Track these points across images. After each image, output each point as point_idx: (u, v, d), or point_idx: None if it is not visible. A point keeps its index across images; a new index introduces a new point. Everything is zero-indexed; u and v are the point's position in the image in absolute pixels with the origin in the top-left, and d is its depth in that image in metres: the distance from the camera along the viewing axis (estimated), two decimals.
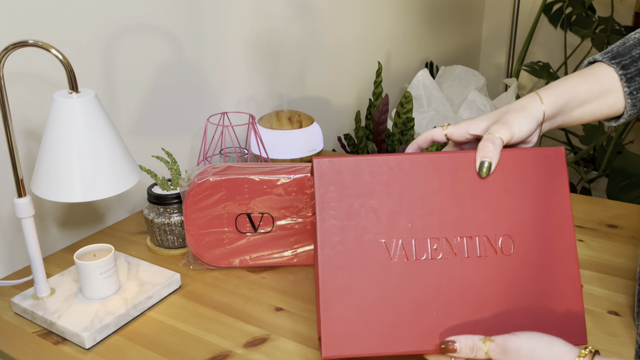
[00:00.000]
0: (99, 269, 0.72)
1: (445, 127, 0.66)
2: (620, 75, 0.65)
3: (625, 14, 2.34)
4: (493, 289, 0.60)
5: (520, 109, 0.63)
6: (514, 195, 0.61)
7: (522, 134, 0.63)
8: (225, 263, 0.82)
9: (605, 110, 0.66)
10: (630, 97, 0.65)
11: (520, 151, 0.62)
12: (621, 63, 0.65)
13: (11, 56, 0.79)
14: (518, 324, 0.59)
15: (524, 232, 0.61)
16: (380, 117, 1.34)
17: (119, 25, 0.94)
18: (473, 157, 0.62)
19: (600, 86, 0.65)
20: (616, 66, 0.65)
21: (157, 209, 0.86)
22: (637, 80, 0.65)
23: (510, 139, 0.62)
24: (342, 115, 1.65)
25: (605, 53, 0.67)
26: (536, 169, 0.62)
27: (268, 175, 0.79)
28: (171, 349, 0.67)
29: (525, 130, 0.63)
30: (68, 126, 0.64)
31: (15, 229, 0.85)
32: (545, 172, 0.62)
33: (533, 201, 0.61)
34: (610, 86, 0.65)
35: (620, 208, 0.98)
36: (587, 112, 0.66)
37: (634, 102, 0.66)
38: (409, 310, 0.60)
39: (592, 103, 0.66)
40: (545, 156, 0.62)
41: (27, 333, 0.71)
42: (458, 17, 2.34)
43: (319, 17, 1.45)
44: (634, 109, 0.66)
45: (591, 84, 0.65)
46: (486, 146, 0.61)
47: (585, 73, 0.66)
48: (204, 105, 1.14)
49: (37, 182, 0.66)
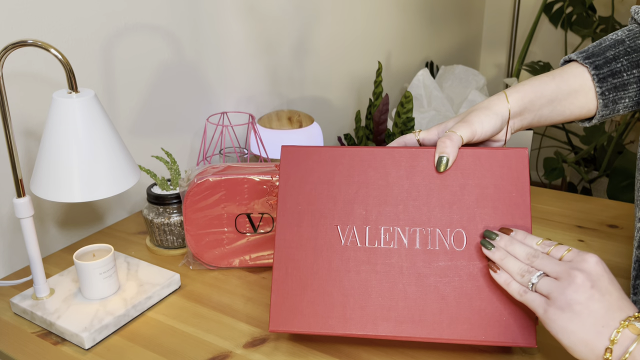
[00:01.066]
0: (98, 269, 0.72)
1: (417, 133, 0.67)
2: (593, 75, 0.65)
3: (625, 13, 2.33)
4: (442, 281, 0.62)
5: (484, 108, 0.65)
6: (471, 193, 0.63)
7: (484, 131, 0.64)
8: (225, 263, 0.82)
9: (575, 111, 0.67)
10: (602, 98, 0.65)
11: (481, 150, 0.64)
12: (594, 63, 0.65)
13: (10, 56, 0.79)
14: (465, 317, 0.60)
15: (477, 229, 0.62)
16: (380, 117, 1.34)
17: (119, 25, 0.94)
18: (432, 153, 0.64)
19: (568, 86, 0.66)
20: (589, 66, 0.65)
21: (157, 209, 0.86)
22: (609, 81, 0.65)
23: (472, 137, 0.63)
24: (342, 115, 1.65)
25: (580, 52, 0.67)
26: (497, 168, 0.63)
27: (268, 176, 0.79)
28: (171, 349, 0.67)
29: (487, 127, 0.64)
30: (67, 126, 0.64)
31: (15, 229, 0.85)
32: (506, 173, 0.63)
33: (490, 200, 0.62)
34: (580, 86, 0.66)
35: (621, 208, 0.98)
36: (557, 111, 0.67)
37: (606, 103, 0.66)
38: (355, 294, 0.62)
39: (561, 102, 0.66)
40: (507, 157, 0.63)
41: (26, 333, 0.71)
42: (458, 17, 2.34)
43: (320, 17, 1.44)
44: (605, 110, 0.66)
45: (559, 83, 0.66)
46: (444, 142, 0.63)
47: (555, 73, 0.67)
48: (203, 105, 1.14)
49: (37, 182, 0.66)
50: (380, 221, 0.64)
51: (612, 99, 0.66)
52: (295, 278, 0.64)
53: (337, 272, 0.63)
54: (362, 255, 0.63)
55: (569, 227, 0.92)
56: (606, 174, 2.09)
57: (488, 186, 0.63)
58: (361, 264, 0.63)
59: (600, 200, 1.01)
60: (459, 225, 0.62)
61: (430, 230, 0.63)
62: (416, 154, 0.64)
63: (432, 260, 0.62)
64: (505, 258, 0.59)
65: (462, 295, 0.61)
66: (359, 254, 0.63)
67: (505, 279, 0.58)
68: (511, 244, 0.59)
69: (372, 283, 0.62)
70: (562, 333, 0.53)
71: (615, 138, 2.03)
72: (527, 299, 0.56)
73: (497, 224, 0.62)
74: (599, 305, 0.51)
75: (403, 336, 0.61)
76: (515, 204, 0.62)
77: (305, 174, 0.66)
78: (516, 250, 0.58)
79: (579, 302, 0.52)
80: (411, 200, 0.64)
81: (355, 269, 0.63)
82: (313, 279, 0.63)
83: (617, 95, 0.65)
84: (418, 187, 0.64)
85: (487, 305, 0.60)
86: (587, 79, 0.66)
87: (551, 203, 1.00)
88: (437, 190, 0.63)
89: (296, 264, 0.64)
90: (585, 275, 0.52)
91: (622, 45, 0.66)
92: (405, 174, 0.64)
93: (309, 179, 0.66)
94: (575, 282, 0.52)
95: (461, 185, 0.63)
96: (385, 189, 0.64)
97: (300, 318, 0.63)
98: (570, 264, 0.54)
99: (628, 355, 0.49)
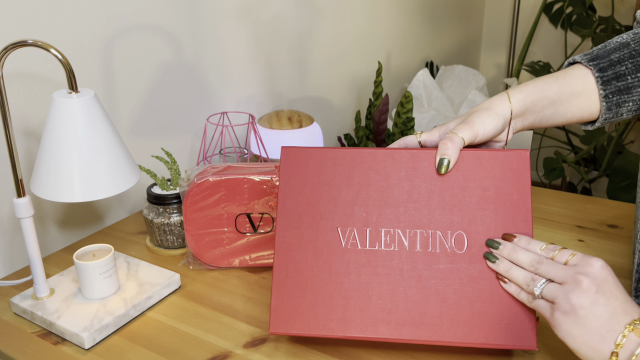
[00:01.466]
0: (98, 269, 0.72)
1: (419, 135, 0.67)
2: (597, 77, 0.65)
3: (625, 13, 2.33)
4: (442, 284, 0.61)
5: (485, 109, 0.64)
6: (472, 195, 0.63)
7: (486, 132, 0.64)
8: (225, 263, 0.82)
9: (577, 113, 0.66)
10: (606, 101, 0.65)
11: (482, 152, 0.63)
12: (599, 65, 0.65)
13: (11, 56, 0.79)
14: (466, 320, 0.60)
15: (478, 232, 0.62)
16: (380, 117, 1.34)
17: (119, 25, 0.94)
18: (433, 155, 0.63)
19: (571, 87, 0.65)
20: (593, 68, 0.65)
21: (157, 209, 0.86)
22: (613, 83, 0.64)
23: (474, 138, 0.63)
24: (342, 115, 1.65)
25: (585, 54, 0.67)
26: (498, 170, 0.63)
27: (268, 176, 0.79)
28: (171, 349, 0.67)
29: (490, 128, 0.63)
30: (67, 126, 0.64)
31: (15, 229, 0.85)
32: (507, 174, 0.62)
33: (491, 202, 0.62)
34: (584, 88, 0.65)
35: (621, 208, 0.98)
36: (559, 113, 0.66)
37: (609, 106, 0.65)
38: (355, 296, 0.62)
39: (563, 104, 0.66)
40: (508, 158, 0.63)
41: (26, 333, 0.71)
42: (458, 17, 2.34)
43: (320, 17, 1.44)
44: (609, 113, 0.66)
45: (562, 85, 0.65)
46: (445, 144, 0.62)
47: (558, 74, 0.66)
48: (203, 105, 1.14)
49: (37, 182, 0.66)
50: (381, 223, 0.63)
51: (615, 102, 0.65)
52: (296, 280, 0.63)
53: (338, 275, 0.63)
54: (362, 258, 0.63)
55: (569, 227, 0.92)
56: (606, 174, 2.09)
57: (489, 188, 0.62)
58: (361, 267, 0.63)
59: (600, 200, 1.01)
60: (460, 227, 0.62)
61: (431, 233, 0.62)
62: (417, 156, 0.64)
63: (433, 262, 0.62)
64: (510, 269, 0.59)
65: (463, 298, 0.61)
66: (360, 256, 0.63)
67: (515, 290, 0.59)
68: (515, 252, 0.59)
69: (373, 285, 0.62)
70: (567, 337, 0.53)
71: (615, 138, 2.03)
72: (535, 306, 0.57)
73: (498, 226, 0.62)
74: (604, 309, 0.51)
75: (403, 339, 0.61)
76: (516, 206, 0.62)
77: (305, 175, 0.65)
78: (520, 258, 0.58)
79: (583, 307, 0.52)
80: (412, 202, 0.63)
81: (356, 271, 0.63)
82: (313, 281, 0.63)
83: (621, 98, 0.65)
84: (419, 188, 0.63)
85: (488, 307, 0.60)
86: (590, 81, 0.65)
87: (551, 203, 1.00)
88: (438, 192, 0.63)
89: (296, 266, 0.64)
90: (591, 280, 0.53)
91: (627, 48, 0.65)
92: (406, 175, 0.64)
93: (309, 180, 0.65)
94: (581, 286, 0.52)
95: (462, 187, 0.63)
96: (386, 190, 0.64)
97: (301, 320, 0.62)
98: (575, 268, 0.54)
99: (634, 358, 0.49)
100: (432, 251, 0.62)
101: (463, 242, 0.62)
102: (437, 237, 0.62)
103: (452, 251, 0.62)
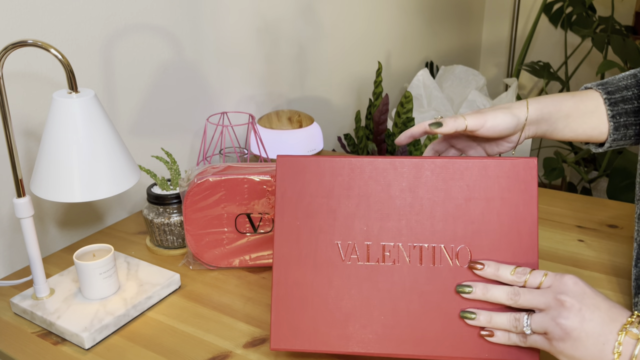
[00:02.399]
0: (98, 269, 0.72)
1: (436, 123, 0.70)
2: (605, 99, 0.70)
3: (625, 13, 2.33)
4: (445, 299, 0.60)
5: (503, 107, 0.69)
6: (477, 206, 0.60)
7: (495, 125, 0.67)
8: (225, 263, 0.82)
9: (588, 130, 0.71)
10: (613, 121, 0.70)
11: (489, 160, 0.61)
12: (607, 89, 0.71)
13: (11, 56, 0.79)
14: (469, 335, 0.59)
15: (483, 245, 0.60)
16: (380, 117, 1.34)
17: (119, 25, 0.94)
18: (437, 164, 0.62)
19: (585, 106, 0.71)
20: (602, 91, 0.71)
21: (157, 209, 0.86)
22: (620, 105, 0.70)
23: (481, 125, 0.67)
24: (342, 115, 1.65)
25: (596, 82, 0.73)
26: (504, 179, 0.61)
27: (268, 176, 0.79)
28: (171, 349, 0.67)
29: (500, 122, 0.67)
30: (67, 126, 0.64)
31: (15, 229, 0.85)
32: (513, 184, 0.60)
33: (496, 213, 0.60)
34: (596, 108, 0.71)
35: (621, 208, 0.98)
36: (571, 127, 0.71)
37: (616, 126, 0.71)
38: (356, 312, 0.61)
39: (576, 119, 0.70)
40: (514, 167, 0.61)
41: (26, 333, 0.71)
42: (458, 17, 2.34)
43: (320, 17, 1.44)
44: (617, 134, 0.71)
45: (577, 102, 0.71)
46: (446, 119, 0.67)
47: (575, 93, 0.72)
48: (203, 105, 1.14)
49: (37, 182, 0.66)
50: (382, 237, 0.61)
51: (623, 123, 0.70)
52: (295, 295, 0.61)
53: (338, 290, 0.61)
54: (363, 273, 0.61)
55: (569, 227, 0.92)
56: (606, 174, 2.09)
57: (494, 199, 0.60)
58: (362, 282, 0.61)
59: (600, 200, 1.01)
60: (463, 241, 0.60)
61: (434, 247, 0.60)
62: (420, 165, 0.62)
63: (436, 278, 0.60)
64: (491, 319, 0.58)
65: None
66: (360, 272, 0.61)
67: (505, 338, 0.58)
68: (487, 290, 0.58)
69: (374, 301, 0.60)
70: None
71: None
72: (531, 344, 0.56)
73: (502, 239, 0.60)
74: (592, 324, 0.52)
75: (405, 354, 0.60)
76: (522, 218, 0.60)
77: (303, 187, 0.63)
78: (495, 294, 0.58)
79: (574, 328, 0.52)
80: (414, 215, 0.61)
81: (357, 286, 0.61)
82: (313, 296, 0.61)
83: (628, 120, 0.70)
84: (421, 200, 0.61)
85: None
86: (601, 102, 0.71)
87: (551, 203, 1.00)
88: (441, 203, 0.61)
89: (296, 280, 0.62)
90: (571, 297, 0.53)
91: (634, 78, 0.72)
92: (408, 186, 0.61)
93: (307, 191, 0.63)
94: (564, 306, 0.53)
95: (466, 198, 0.61)
96: (387, 202, 0.61)
97: (302, 336, 0.61)
98: (552, 289, 0.55)
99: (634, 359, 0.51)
100: (435, 266, 0.60)
101: (467, 257, 0.60)
102: (440, 251, 0.60)
103: (455, 266, 0.60)
